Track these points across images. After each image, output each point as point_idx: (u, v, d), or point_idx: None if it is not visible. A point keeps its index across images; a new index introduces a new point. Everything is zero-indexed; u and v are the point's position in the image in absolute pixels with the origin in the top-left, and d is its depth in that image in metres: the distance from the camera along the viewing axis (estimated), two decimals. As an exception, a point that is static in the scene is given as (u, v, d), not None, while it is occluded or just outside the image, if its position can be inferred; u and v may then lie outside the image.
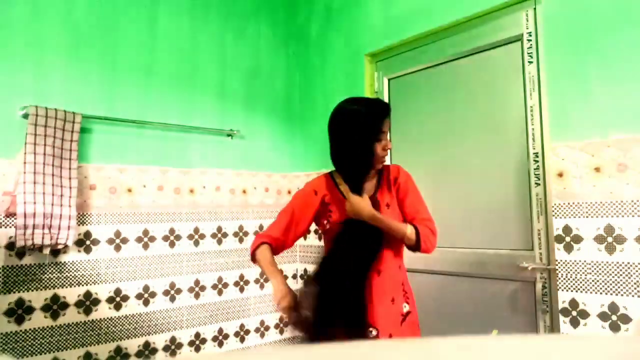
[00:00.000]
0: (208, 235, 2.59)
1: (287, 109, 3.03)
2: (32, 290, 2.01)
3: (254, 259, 1.56)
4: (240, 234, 2.73)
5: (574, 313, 1.68)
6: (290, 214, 1.56)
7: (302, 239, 1.70)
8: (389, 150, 1.51)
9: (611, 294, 1.60)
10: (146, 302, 2.33)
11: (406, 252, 1.56)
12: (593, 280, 1.64)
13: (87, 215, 2.18)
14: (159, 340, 2.36)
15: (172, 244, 2.45)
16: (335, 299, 1.41)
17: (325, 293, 1.42)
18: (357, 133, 1.45)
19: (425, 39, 2.34)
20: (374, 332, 1.46)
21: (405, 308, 1.52)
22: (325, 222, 1.55)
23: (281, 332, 2.88)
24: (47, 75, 2.10)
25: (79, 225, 2.14)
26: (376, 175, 1.57)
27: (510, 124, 2.00)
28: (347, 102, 1.52)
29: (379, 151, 1.47)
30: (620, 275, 1.58)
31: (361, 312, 1.43)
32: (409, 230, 1.43)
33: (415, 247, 1.46)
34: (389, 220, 1.44)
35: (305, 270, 2.91)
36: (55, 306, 2.06)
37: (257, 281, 2.78)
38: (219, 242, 2.63)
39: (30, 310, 2.00)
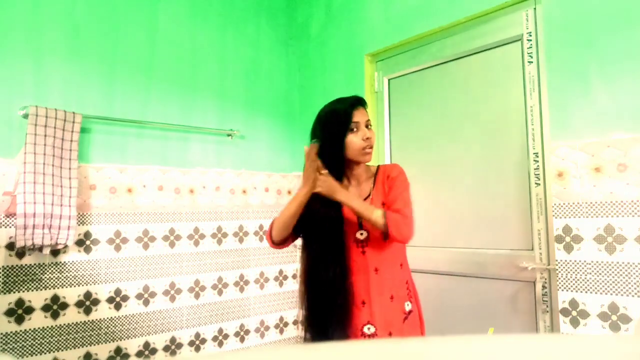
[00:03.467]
0: (208, 235, 2.59)
1: (287, 109, 3.03)
2: (32, 290, 2.01)
3: (273, 233, 1.53)
4: (240, 234, 2.73)
5: (574, 313, 1.68)
6: None
7: (301, 239, 1.71)
8: (370, 142, 1.50)
9: (611, 294, 1.60)
10: (146, 302, 2.33)
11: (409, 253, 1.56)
12: (593, 280, 1.64)
13: (87, 215, 2.18)
14: (159, 340, 2.36)
15: (172, 244, 2.45)
16: (320, 289, 1.47)
17: (311, 288, 1.49)
18: (328, 125, 1.51)
19: (425, 39, 2.34)
20: (372, 330, 1.46)
21: (408, 307, 1.52)
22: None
23: (281, 332, 2.88)
24: (47, 75, 2.10)
25: (79, 225, 2.14)
26: (372, 175, 1.59)
27: (510, 124, 2.00)
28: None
29: (355, 142, 1.48)
30: (620, 275, 1.58)
31: (345, 289, 1.46)
32: (376, 213, 1.40)
33: (384, 233, 1.42)
34: (356, 201, 1.44)
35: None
36: (55, 306, 2.06)
37: (257, 281, 2.78)
38: (219, 242, 2.63)
39: (30, 310, 2.00)
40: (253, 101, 2.86)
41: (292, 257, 2.95)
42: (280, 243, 1.55)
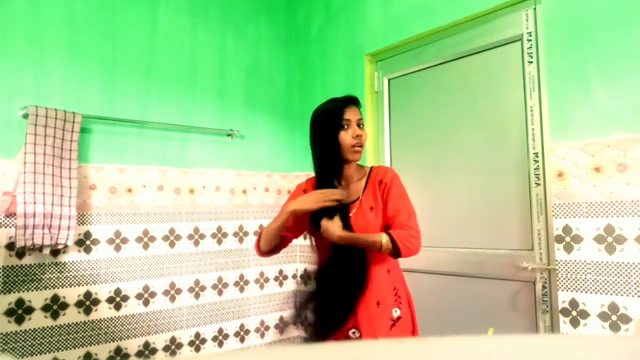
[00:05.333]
0: (208, 235, 2.59)
1: (287, 108, 3.03)
2: (32, 290, 2.01)
3: (260, 244, 1.55)
4: (240, 234, 2.73)
5: (574, 313, 1.68)
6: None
7: (301, 238, 1.71)
8: (361, 141, 1.50)
9: (611, 294, 1.60)
10: (146, 302, 2.33)
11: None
12: (593, 280, 1.64)
13: (87, 215, 2.18)
14: (159, 340, 2.36)
15: (172, 244, 2.45)
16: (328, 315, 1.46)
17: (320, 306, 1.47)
18: (321, 123, 1.51)
19: (425, 39, 2.34)
20: (357, 334, 1.45)
21: (396, 313, 1.50)
22: (310, 225, 1.56)
23: (281, 332, 2.87)
24: (47, 75, 2.10)
25: (79, 225, 2.14)
26: (365, 177, 1.57)
27: (510, 124, 2.00)
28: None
29: (345, 139, 1.48)
30: (620, 275, 1.58)
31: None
32: (384, 240, 1.40)
33: (395, 253, 1.43)
34: (361, 237, 1.43)
35: (305, 270, 2.91)
36: (55, 306, 2.06)
37: (257, 281, 2.78)
38: (219, 242, 2.63)
39: (30, 310, 2.00)
40: (253, 101, 2.86)
41: (292, 258, 2.95)
42: (268, 252, 1.57)
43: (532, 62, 1.93)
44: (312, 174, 1.61)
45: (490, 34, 2.08)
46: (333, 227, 1.41)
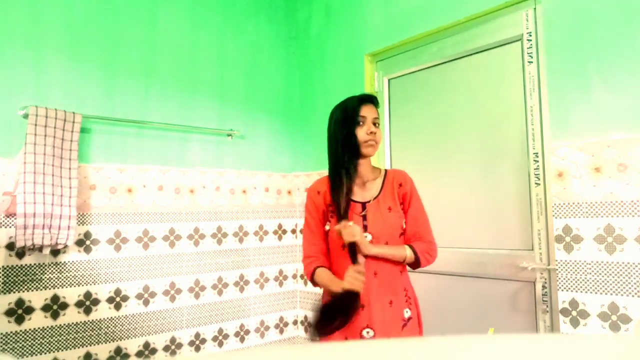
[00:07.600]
0: (208, 235, 2.59)
1: (287, 108, 3.03)
2: (32, 290, 2.01)
3: (314, 283, 1.55)
4: (240, 234, 2.73)
5: (574, 313, 1.68)
6: (309, 225, 1.59)
7: (301, 238, 1.72)
8: (375, 137, 1.52)
9: (611, 294, 1.60)
10: (146, 302, 2.33)
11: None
12: (593, 280, 1.64)
13: (87, 215, 2.18)
14: (159, 340, 2.36)
15: (172, 244, 2.45)
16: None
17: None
18: (338, 119, 1.54)
19: (425, 39, 2.34)
20: (371, 333, 1.46)
21: (407, 313, 1.51)
22: (326, 222, 1.56)
23: (281, 332, 2.88)
24: (47, 75, 2.10)
25: (79, 225, 2.14)
26: (380, 177, 1.59)
27: (510, 124, 2.00)
28: None
29: (361, 135, 1.51)
30: (620, 275, 1.58)
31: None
32: (409, 253, 1.48)
33: (415, 265, 1.51)
34: (388, 250, 1.47)
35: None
36: (55, 306, 2.06)
37: (257, 281, 2.78)
38: (219, 242, 2.63)
39: (30, 310, 2.00)
40: (253, 101, 2.86)
41: (292, 257, 2.95)
42: None
43: (532, 62, 1.93)
44: (311, 173, 1.62)
45: (490, 34, 2.08)
46: (362, 244, 1.42)
